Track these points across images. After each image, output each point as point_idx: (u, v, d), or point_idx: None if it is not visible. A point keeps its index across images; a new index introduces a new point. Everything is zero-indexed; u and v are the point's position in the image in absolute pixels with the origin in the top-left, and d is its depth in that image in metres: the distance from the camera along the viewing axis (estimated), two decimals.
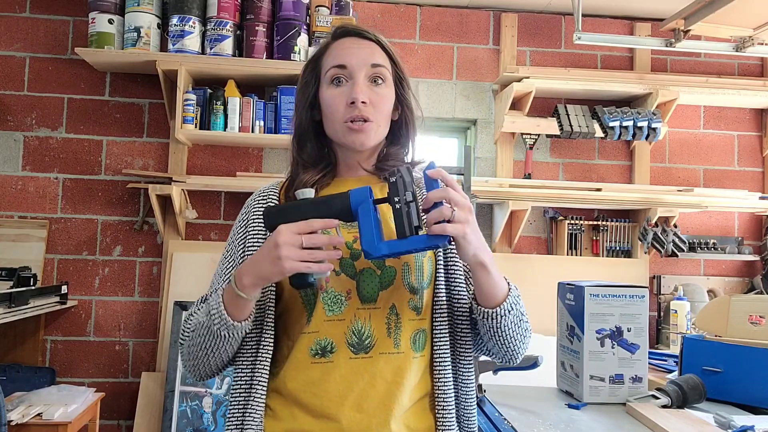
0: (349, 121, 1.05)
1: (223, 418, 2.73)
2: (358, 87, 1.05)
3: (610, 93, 3.18)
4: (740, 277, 3.35)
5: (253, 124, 2.82)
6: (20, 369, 2.77)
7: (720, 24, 2.59)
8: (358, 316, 1.01)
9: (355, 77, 1.06)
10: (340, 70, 1.07)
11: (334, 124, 1.07)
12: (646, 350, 1.53)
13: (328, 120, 1.09)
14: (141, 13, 2.76)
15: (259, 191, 1.14)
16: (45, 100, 3.02)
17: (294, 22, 2.82)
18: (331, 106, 1.07)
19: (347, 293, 1.01)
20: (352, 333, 1.00)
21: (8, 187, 2.99)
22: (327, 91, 1.08)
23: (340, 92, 1.06)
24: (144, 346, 2.99)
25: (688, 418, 1.34)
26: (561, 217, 3.21)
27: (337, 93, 1.07)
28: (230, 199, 3.08)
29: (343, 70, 1.07)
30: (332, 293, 1.01)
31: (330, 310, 1.01)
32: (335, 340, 1.00)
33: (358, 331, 1.01)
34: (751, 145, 3.40)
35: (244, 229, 1.10)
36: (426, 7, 3.24)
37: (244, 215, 1.12)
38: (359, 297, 1.02)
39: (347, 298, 1.01)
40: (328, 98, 1.07)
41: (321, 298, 1.01)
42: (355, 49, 1.08)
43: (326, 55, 1.10)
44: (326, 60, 1.10)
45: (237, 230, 1.12)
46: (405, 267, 1.05)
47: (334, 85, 1.07)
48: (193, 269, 2.95)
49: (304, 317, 1.02)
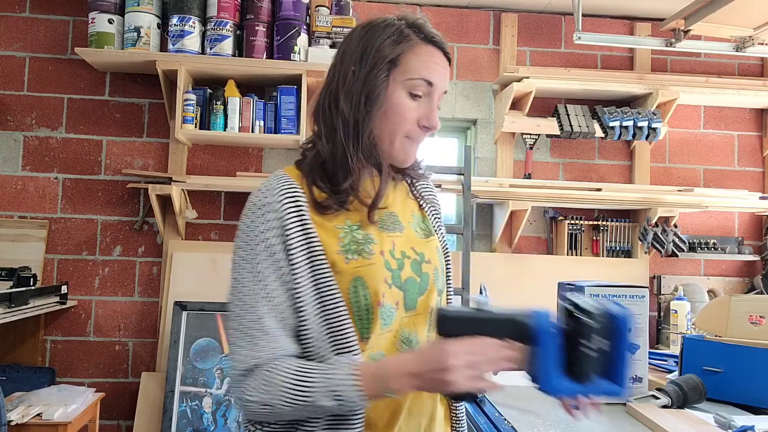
0: (409, 139, 1.02)
1: (223, 418, 2.73)
2: (435, 113, 1.01)
3: (610, 93, 3.17)
4: (740, 277, 3.34)
5: (253, 124, 2.82)
6: (20, 369, 2.77)
7: (720, 24, 2.58)
8: (404, 325, 1.01)
9: (433, 100, 1.01)
10: (427, 86, 1.00)
11: (392, 135, 1.01)
12: (646, 350, 1.53)
13: (386, 124, 1.00)
14: (141, 13, 2.76)
15: (278, 190, 0.98)
16: (45, 100, 3.02)
17: (294, 22, 2.81)
18: (402, 116, 1.00)
19: (396, 304, 1.00)
20: (401, 342, 1.00)
21: (8, 187, 2.99)
22: (402, 98, 0.99)
23: (416, 107, 1.00)
24: (144, 346, 2.99)
25: (688, 418, 1.34)
26: (561, 217, 3.21)
27: (412, 106, 1.00)
28: (230, 199, 3.07)
29: (429, 87, 1.00)
30: (387, 306, 0.99)
31: (384, 324, 0.99)
32: (387, 353, 0.99)
33: (406, 339, 1.01)
34: (751, 145, 3.40)
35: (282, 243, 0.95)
36: (426, 7, 3.24)
37: (269, 221, 0.96)
38: (404, 306, 1.01)
39: (396, 308, 1.00)
40: (402, 107, 0.99)
41: (379, 314, 0.98)
42: (441, 70, 1.02)
43: (412, 54, 1.00)
44: (412, 61, 1.00)
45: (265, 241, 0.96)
46: (435, 271, 1.07)
47: (411, 96, 1.00)
48: (193, 269, 2.94)
49: (357, 335, 0.98)
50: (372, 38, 1.00)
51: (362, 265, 0.97)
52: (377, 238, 1.01)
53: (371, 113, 0.99)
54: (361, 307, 0.96)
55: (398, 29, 1.00)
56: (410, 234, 1.07)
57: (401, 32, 1.00)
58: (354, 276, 0.96)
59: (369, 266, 0.97)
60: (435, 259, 1.07)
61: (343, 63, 1.02)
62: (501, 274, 3.10)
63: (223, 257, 2.97)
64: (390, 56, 0.98)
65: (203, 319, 2.84)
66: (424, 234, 1.10)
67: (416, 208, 1.13)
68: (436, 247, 1.10)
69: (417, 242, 1.07)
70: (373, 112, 0.99)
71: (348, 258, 0.97)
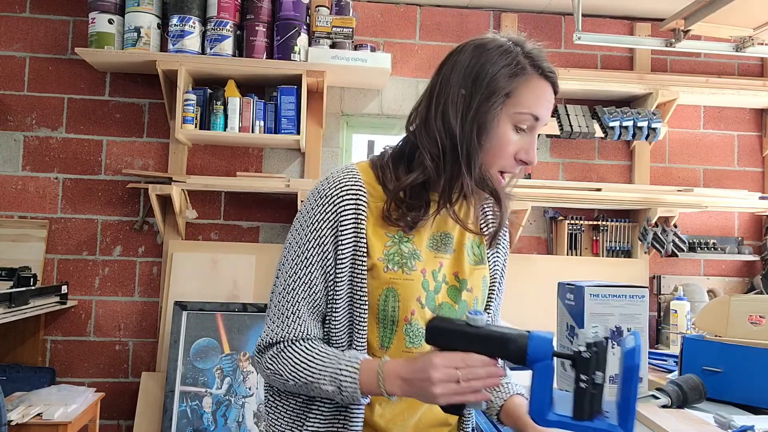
0: (503, 172, 1.01)
1: (223, 418, 2.73)
2: (534, 149, 1.00)
3: (610, 93, 3.17)
4: (740, 277, 3.34)
5: (253, 124, 2.82)
6: (20, 369, 2.77)
7: (720, 24, 2.58)
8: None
9: (534, 134, 1.00)
10: (533, 120, 0.98)
11: (490, 166, 0.99)
12: (646, 350, 1.53)
13: (486, 155, 0.98)
14: (141, 13, 2.76)
15: (343, 185, 0.99)
16: (45, 100, 3.02)
17: (294, 22, 2.82)
18: (503, 150, 0.98)
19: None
20: None
21: (8, 187, 2.99)
22: (508, 131, 0.98)
23: (519, 140, 0.99)
24: (144, 346, 2.99)
25: (688, 418, 1.34)
26: (561, 217, 3.21)
27: (516, 140, 0.98)
28: (230, 199, 3.07)
29: (534, 121, 0.99)
30: (416, 325, 1.00)
31: (410, 342, 1.00)
32: None
33: None
34: (751, 145, 3.40)
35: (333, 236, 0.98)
36: (426, 7, 3.24)
37: (327, 213, 0.98)
38: None
39: None
40: (505, 141, 0.98)
41: (404, 330, 0.99)
42: (549, 105, 1.00)
43: (526, 89, 0.97)
44: (524, 94, 0.97)
45: (318, 231, 0.99)
46: (475, 301, 1.07)
47: (516, 130, 0.98)
48: (193, 269, 2.95)
49: (377, 340, 1.00)
50: (487, 63, 0.97)
51: (399, 278, 0.99)
52: (424, 255, 1.02)
53: (483, 145, 0.97)
54: (387, 317, 0.99)
55: (515, 58, 0.97)
56: (460, 257, 1.07)
57: (518, 63, 0.97)
58: (388, 285, 0.98)
59: (406, 281, 0.99)
60: (478, 289, 1.07)
61: (451, 79, 0.98)
62: None
63: (224, 257, 2.97)
64: (506, 89, 0.96)
65: (203, 319, 2.84)
66: (475, 261, 1.09)
67: (476, 233, 1.11)
68: (482, 276, 1.09)
69: (463, 269, 1.06)
70: (484, 144, 0.97)
71: (388, 267, 0.99)
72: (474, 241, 1.10)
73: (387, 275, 0.98)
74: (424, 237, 1.03)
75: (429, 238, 1.03)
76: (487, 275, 1.10)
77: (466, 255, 1.07)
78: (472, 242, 1.10)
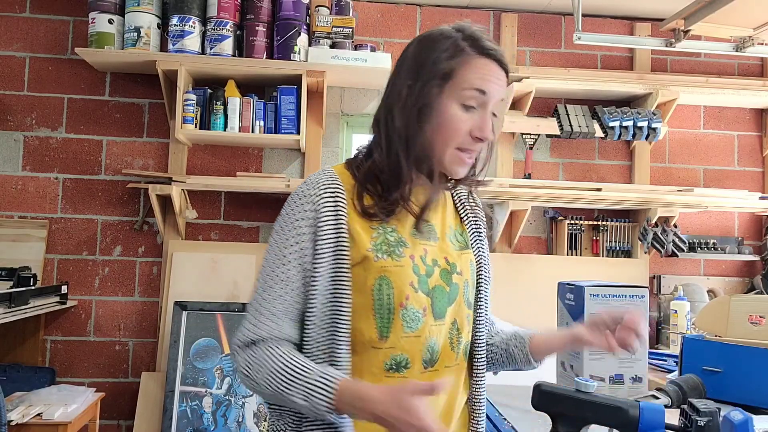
0: (461, 150, 1.02)
1: (223, 418, 2.73)
2: (488, 124, 1.01)
3: (610, 93, 3.17)
4: (740, 277, 3.34)
5: (253, 124, 2.82)
6: (20, 369, 2.77)
7: (720, 24, 2.58)
8: (431, 333, 1.03)
9: (486, 111, 1.01)
10: (480, 95, 1.00)
11: (444, 146, 1.01)
12: (646, 350, 1.53)
13: (438, 136, 1.01)
14: (141, 13, 2.76)
15: (320, 185, 1.02)
16: (45, 100, 3.02)
17: (294, 22, 2.82)
18: (454, 128, 1.00)
19: (423, 310, 1.02)
20: (426, 349, 1.02)
21: (8, 187, 2.99)
22: (454, 109, 1.00)
23: (469, 118, 1.01)
24: (144, 346, 2.99)
25: None
26: (561, 217, 3.21)
27: (465, 118, 1.00)
28: (230, 199, 3.07)
29: (482, 96, 1.00)
30: (411, 310, 1.01)
31: (408, 327, 1.01)
32: (411, 356, 1.01)
33: (431, 347, 1.03)
34: (751, 145, 3.40)
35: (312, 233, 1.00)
36: (426, 7, 3.24)
37: (305, 212, 1.00)
38: (432, 313, 1.03)
39: (423, 314, 1.02)
40: (453, 119, 1.00)
41: (401, 315, 1.00)
42: (496, 80, 1.02)
43: (467, 67, 1.00)
44: (466, 73, 1.00)
45: (297, 229, 1.01)
46: (465, 283, 1.09)
47: (464, 108, 1.00)
48: (193, 269, 2.95)
49: (375, 332, 1.00)
50: (428, 52, 1.01)
51: (390, 265, 1.00)
52: (409, 242, 1.03)
53: (423, 126, 1.00)
54: (383, 306, 0.99)
55: (454, 42, 1.00)
56: (444, 245, 1.08)
57: (457, 46, 1.00)
58: (380, 274, 0.99)
59: (396, 267, 1.00)
60: (467, 272, 1.09)
61: (398, 76, 1.04)
62: (501, 274, 3.08)
63: (223, 257, 2.97)
64: (444, 70, 0.99)
65: (203, 319, 2.84)
66: (460, 246, 1.11)
67: (456, 220, 1.14)
68: (469, 260, 1.11)
69: (450, 254, 1.08)
70: (425, 125, 1.00)
71: (378, 256, 1.00)
72: (456, 230, 1.13)
73: (378, 264, 0.99)
74: (407, 225, 1.05)
75: (411, 227, 1.05)
76: (473, 260, 1.12)
77: (450, 243, 1.10)
78: (455, 230, 1.13)
